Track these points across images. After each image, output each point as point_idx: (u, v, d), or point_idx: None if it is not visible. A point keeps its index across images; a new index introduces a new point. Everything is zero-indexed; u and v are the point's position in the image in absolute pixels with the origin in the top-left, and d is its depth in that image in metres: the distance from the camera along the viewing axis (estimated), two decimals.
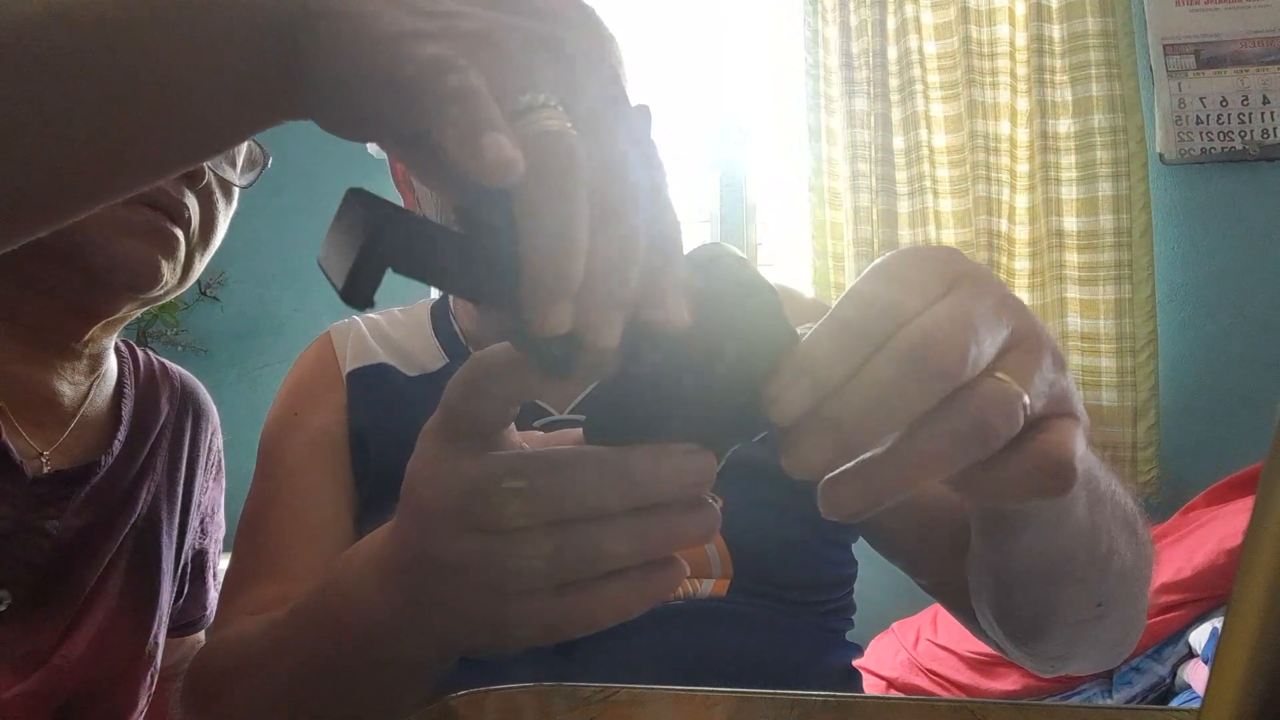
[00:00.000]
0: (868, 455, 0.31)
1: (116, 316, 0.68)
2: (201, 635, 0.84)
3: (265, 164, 0.73)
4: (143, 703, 0.72)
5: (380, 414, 0.70)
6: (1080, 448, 0.33)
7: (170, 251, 0.66)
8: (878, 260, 0.33)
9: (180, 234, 0.66)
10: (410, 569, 0.37)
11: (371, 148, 2.22)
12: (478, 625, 0.36)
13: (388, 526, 0.40)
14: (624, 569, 0.34)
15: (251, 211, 2.78)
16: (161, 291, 0.68)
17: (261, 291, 2.31)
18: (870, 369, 0.30)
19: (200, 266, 0.71)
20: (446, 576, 0.35)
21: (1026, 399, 0.31)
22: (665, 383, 0.32)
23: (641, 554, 0.34)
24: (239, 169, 0.72)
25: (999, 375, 0.31)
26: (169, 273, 0.66)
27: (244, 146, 0.72)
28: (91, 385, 0.71)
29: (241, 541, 0.69)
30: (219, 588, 0.84)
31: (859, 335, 0.30)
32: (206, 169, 0.67)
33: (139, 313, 0.71)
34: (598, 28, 0.31)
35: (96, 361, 0.71)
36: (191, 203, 0.67)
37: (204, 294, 2.22)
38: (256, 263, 2.32)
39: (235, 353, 2.25)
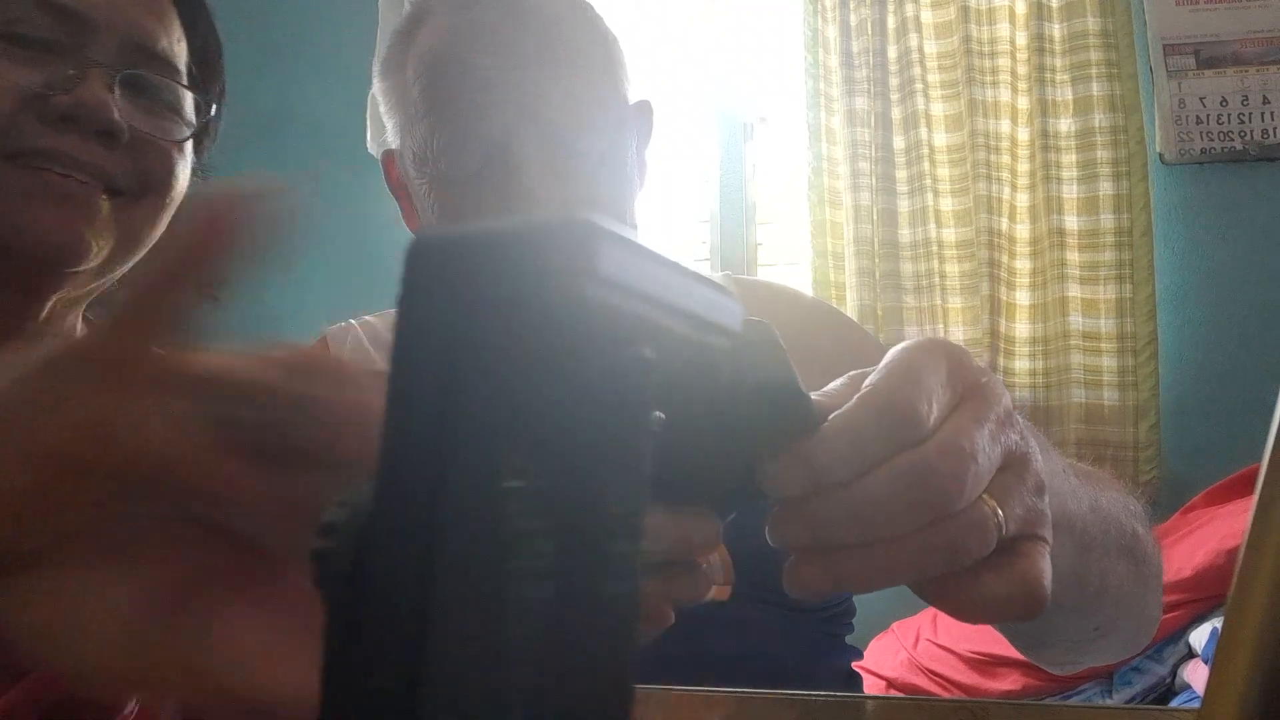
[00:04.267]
0: (836, 546, 0.31)
1: (77, 293, 0.64)
2: None
3: (209, 113, 0.68)
4: (132, 703, 0.71)
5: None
6: (1048, 574, 0.34)
7: (89, 213, 0.60)
8: (899, 350, 0.33)
9: (99, 195, 0.60)
10: None
11: (370, 145, 2.22)
12: None
13: None
14: None
15: None
16: (98, 259, 0.62)
17: (261, 291, 2.31)
18: (868, 482, 0.30)
19: (150, 228, 0.65)
20: None
21: (1003, 522, 0.32)
22: (680, 451, 0.31)
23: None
24: (189, 119, 0.66)
25: (983, 497, 0.32)
26: (99, 239, 0.61)
27: (186, 96, 0.66)
28: None
29: None
30: None
31: (867, 443, 0.31)
32: (127, 125, 0.60)
33: (102, 285, 0.66)
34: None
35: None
36: (114, 162, 0.61)
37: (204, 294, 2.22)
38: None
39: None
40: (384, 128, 2.13)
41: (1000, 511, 0.32)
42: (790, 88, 2.21)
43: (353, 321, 0.79)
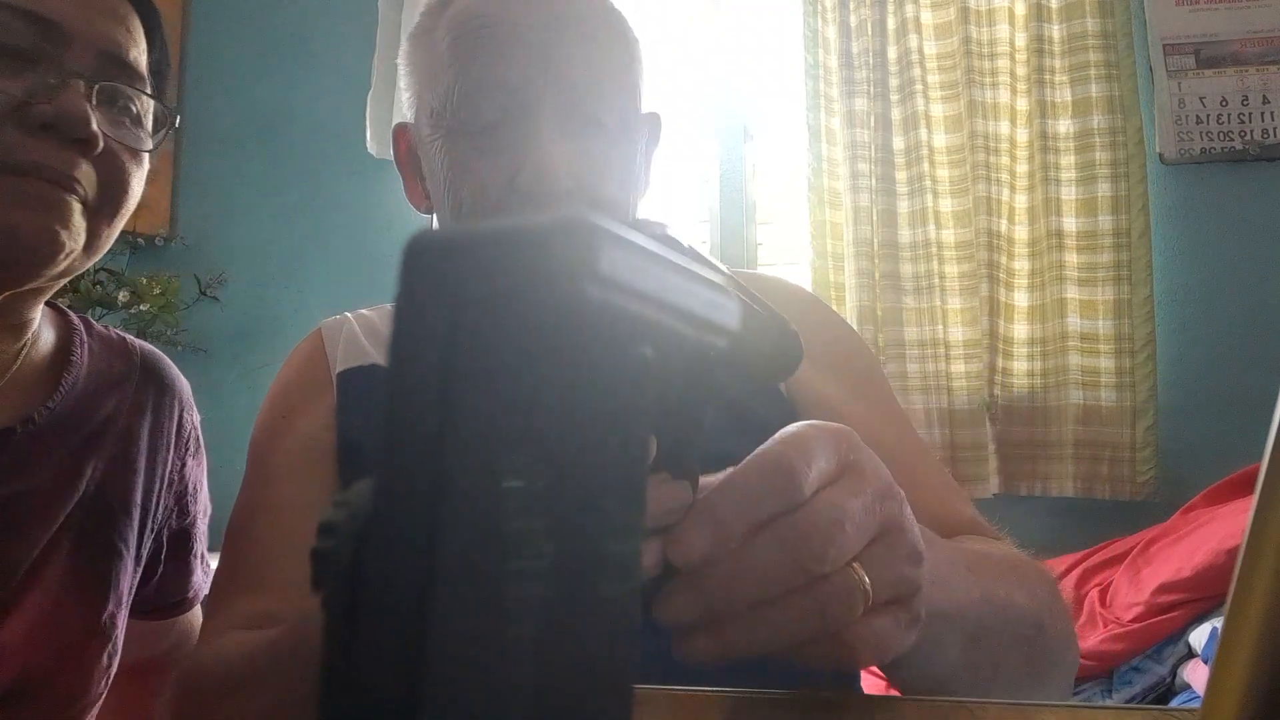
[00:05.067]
0: (724, 613, 0.35)
1: (30, 287, 0.65)
2: (191, 617, 0.83)
3: (172, 124, 0.70)
4: (99, 687, 0.69)
5: (371, 419, 0.69)
6: (897, 644, 0.37)
7: (65, 220, 0.62)
8: (789, 429, 0.36)
9: (75, 202, 0.63)
10: None
11: (371, 145, 2.22)
12: None
13: None
14: None
15: (251, 211, 2.78)
16: (66, 262, 0.64)
17: (261, 291, 2.31)
18: (751, 547, 0.34)
19: (109, 234, 0.67)
20: None
21: (870, 591, 0.35)
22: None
23: None
24: (149, 129, 0.68)
25: (853, 566, 0.35)
26: (70, 241, 0.63)
27: (150, 105, 0.68)
28: (17, 356, 0.68)
29: (227, 550, 0.68)
30: (207, 569, 0.82)
31: (756, 503, 0.34)
32: (101, 135, 0.62)
33: (52, 283, 0.67)
34: None
35: (18, 332, 0.69)
36: (86, 171, 0.63)
37: (204, 294, 2.22)
38: (256, 263, 2.32)
39: (235, 353, 2.25)
40: (385, 128, 2.12)
41: (867, 579, 0.35)
42: (790, 88, 2.21)
43: (348, 315, 0.79)
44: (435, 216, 0.74)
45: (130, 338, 0.79)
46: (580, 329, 0.20)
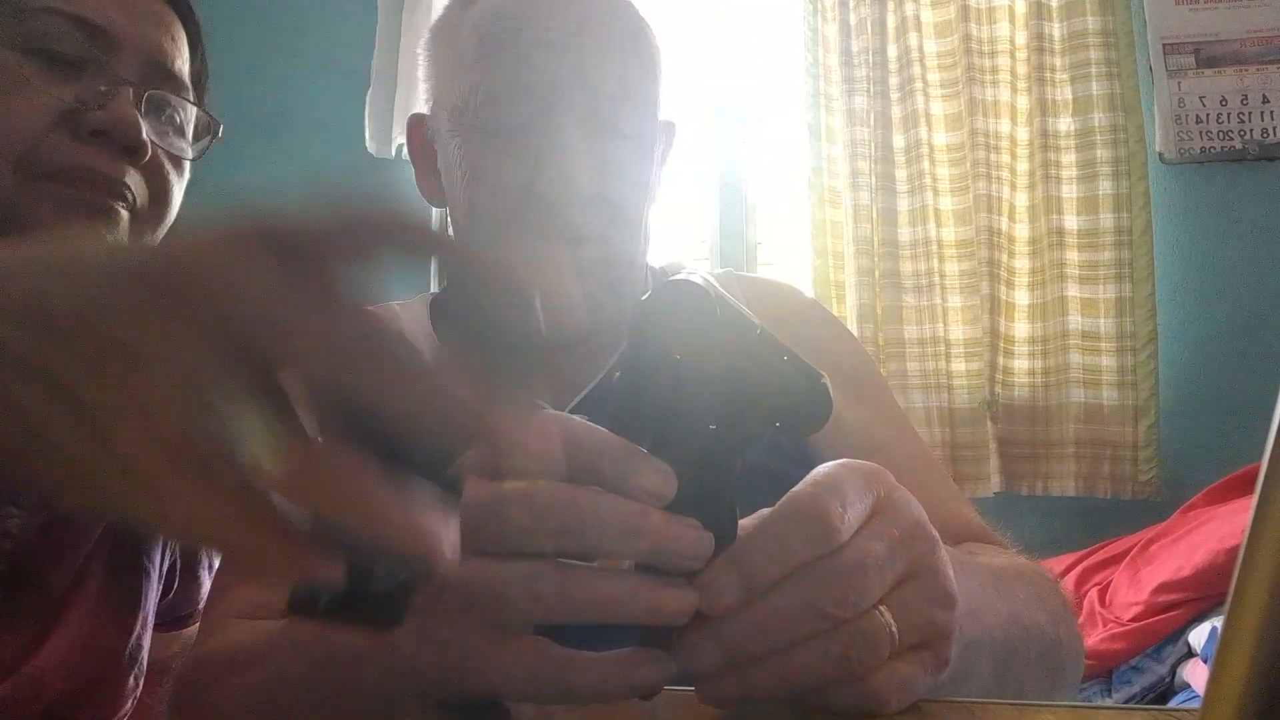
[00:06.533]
0: (746, 657, 0.35)
1: None
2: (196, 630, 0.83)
3: (215, 133, 0.71)
4: (128, 705, 0.69)
5: None
6: (922, 689, 0.37)
7: (115, 227, 0.62)
8: (822, 469, 0.36)
9: (124, 210, 0.63)
10: None
11: (370, 144, 2.22)
12: (452, 655, 0.35)
13: None
14: (614, 650, 0.35)
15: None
16: None
17: None
18: (775, 593, 0.34)
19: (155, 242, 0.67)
20: (433, 596, 0.34)
21: (896, 635, 0.35)
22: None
23: (626, 611, 0.34)
24: (189, 139, 0.69)
25: (880, 609, 0.35)
26: None
27: (192, 114, 0.68)
28: None
29: None
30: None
31: (791, 551, 0.34)
32: (150, 143, 0.63)
33: None
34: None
35: None
36: (134, 179, 0.63)
37: None
38: None
39: None
40: (384, 127, 2.10)
41: (894, 624, 0.35)
42: (790, 86, 2.21)
43: (395, 305, 0.77)
44: (447, 211, 0.74)
45: None
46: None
